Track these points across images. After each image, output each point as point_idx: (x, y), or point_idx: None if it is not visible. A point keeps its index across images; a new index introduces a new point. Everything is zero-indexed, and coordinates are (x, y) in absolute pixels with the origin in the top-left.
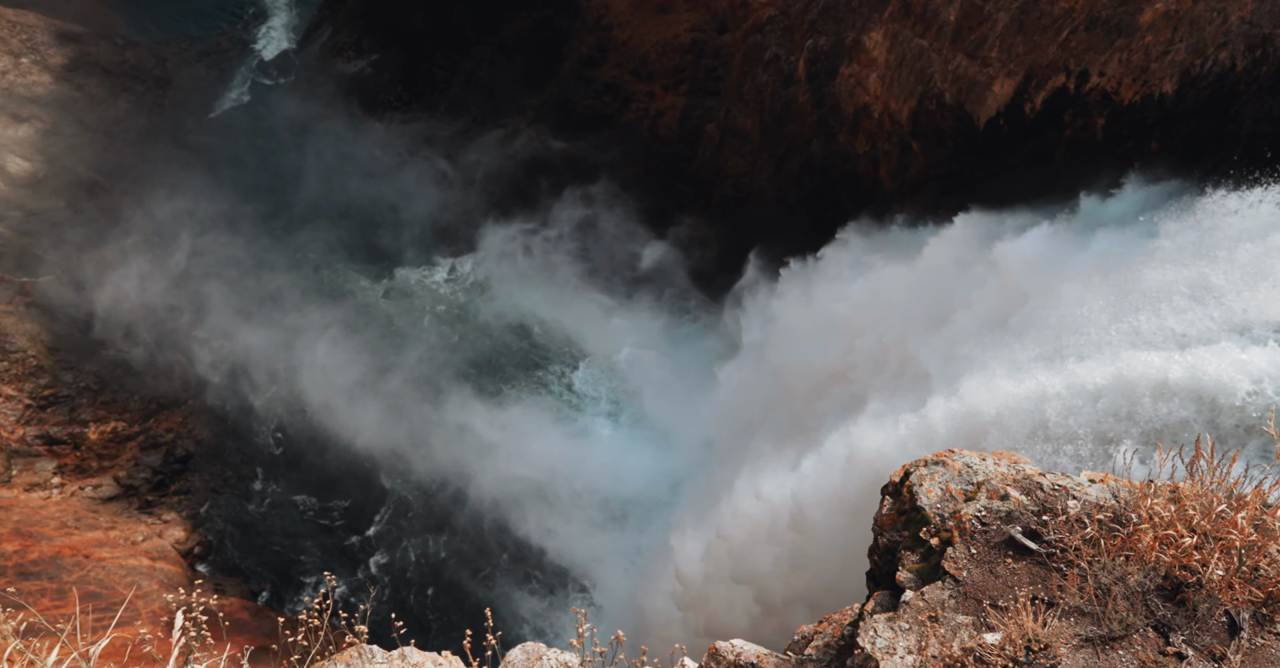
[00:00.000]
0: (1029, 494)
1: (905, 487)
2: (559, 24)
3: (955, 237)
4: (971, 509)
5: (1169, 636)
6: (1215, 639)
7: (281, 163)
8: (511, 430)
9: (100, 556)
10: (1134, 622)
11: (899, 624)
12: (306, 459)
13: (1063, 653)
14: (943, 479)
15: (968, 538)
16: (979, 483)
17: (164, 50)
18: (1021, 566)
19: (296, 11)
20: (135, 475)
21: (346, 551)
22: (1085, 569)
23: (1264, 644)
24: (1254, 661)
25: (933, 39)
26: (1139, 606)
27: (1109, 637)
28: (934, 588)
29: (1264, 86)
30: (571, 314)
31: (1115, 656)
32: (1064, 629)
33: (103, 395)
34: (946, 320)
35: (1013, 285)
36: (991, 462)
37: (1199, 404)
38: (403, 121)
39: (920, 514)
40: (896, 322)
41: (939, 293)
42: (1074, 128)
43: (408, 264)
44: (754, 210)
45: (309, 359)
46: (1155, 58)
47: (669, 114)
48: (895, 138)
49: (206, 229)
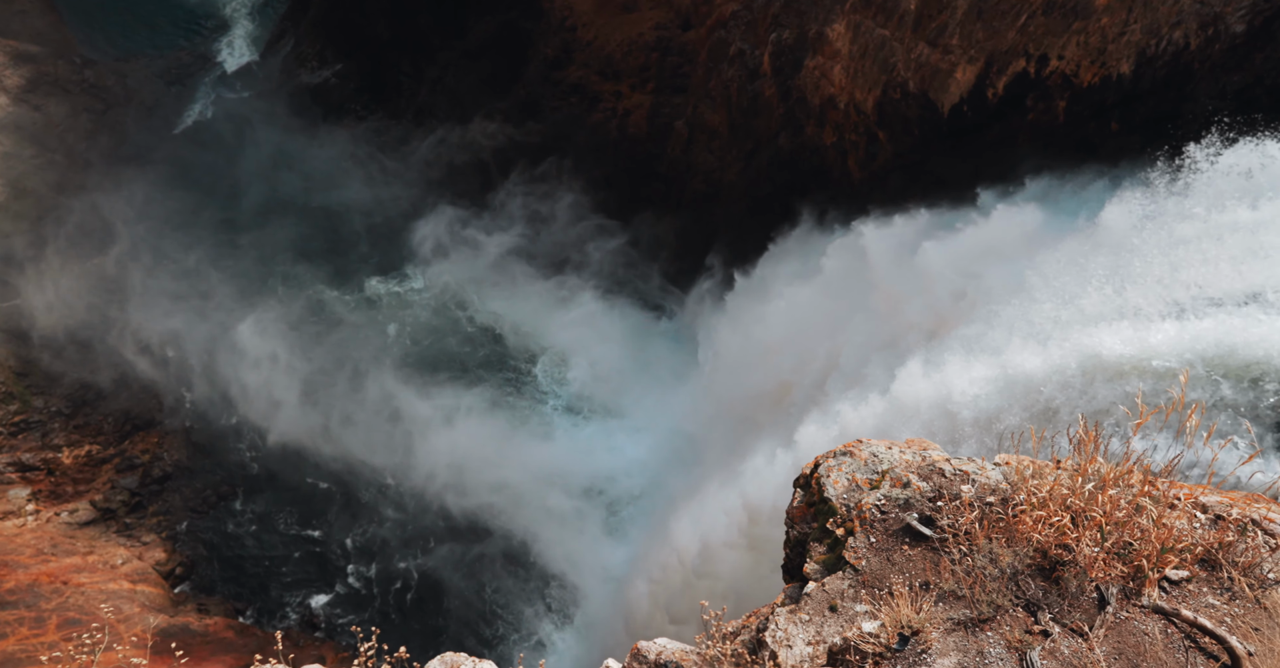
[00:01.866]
0: (930, 480)
1: (814, 479)
2: (523, 27)
3: (850, 244)
4: (872, 498)
5: (1037, 614)
6: (1084, 615)
7: (248, 177)
8: (487, 434)
9: (79, 581)
10: (1003, 603)
11: (800, 616)
12: (285, 474)
13: (934, 637)
14: (850, 469)
15: (868, 527)
16: (883, 472)
17: (124, 67)
18: (917, 552)
19: (257, 21)
20: (112, 498)
21: (329, 564)
22: (964, 553)
23: (1128, 617)
24: (1117, 634)
25: (894, 28)
26: (1010, 586)
27: (979, 619)
28: (834, 578)
29: (1217, 64)
30: (537, 314)
31: (984, 637)
32: (938, 614)
33: (75, 419)
34: (841, 330)
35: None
36: (898, 450)
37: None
38: (369, 130)
39: (828, 505)
40: (808, 337)
41: (835, 305)
42: (1036, 111)
43: (375, 273)
44: (726, 205)
45: (279, 373)
46: (1112, 39)
47: (637, 113)
48: (862, 128)
49: (174, 248)
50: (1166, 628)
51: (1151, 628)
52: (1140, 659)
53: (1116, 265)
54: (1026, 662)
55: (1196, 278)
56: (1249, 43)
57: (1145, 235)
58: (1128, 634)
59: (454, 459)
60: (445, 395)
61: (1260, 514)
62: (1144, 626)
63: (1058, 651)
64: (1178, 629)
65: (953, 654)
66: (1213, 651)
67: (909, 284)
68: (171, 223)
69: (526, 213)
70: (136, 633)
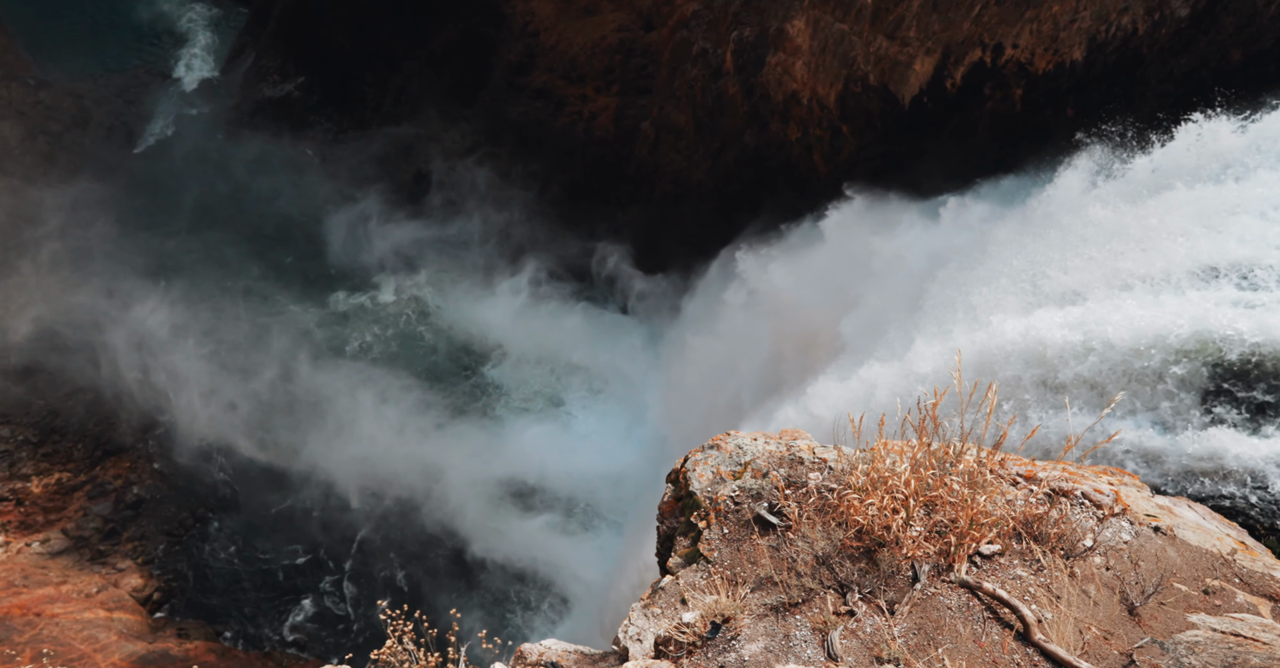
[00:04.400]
0: (790, 469)
1: (682, 473)
2: (485, 34)
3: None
4: (727, 490)
5: (847, 595)
6: (897, 593)
7: (213, 195)
8: (464, 440)
9: (53, 612)
10: (814, 586)
11: (653, 610)
12: (260, 492)
13: (745, 623)
14: (715, 463)
15: (722, 519)
16: (746, 463)
17: (80, 88)
18: (764, 541)
19: (214, 36)
20: (85, 526)
21: (310, 580)
22: (790, 540)
23: (935, 593)
24: (921, 610)
25: (853, 23)
26: (825, 570)
27: (790, 603)
28: (689, 571)
29: (1165, 48)
30: (500, 317)
31: (793, 621)
32: (753, 600)
33: (43, 447)
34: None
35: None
36: (763, 441)
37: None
38: (334, 142)
39: (693, 499)
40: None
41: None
42: (994, 100)
43: (341, 287)
44: (695, 204)
45: (248, 392)
46: (1063, 26)
47: (603, 115)
48: (825, 123)
49: (140, 269)
50: (969, 601)
51: (955, 602)
52: (937, 632)
53: (1037, 252)
54: (827, 642)
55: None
56: (1193, 26)
57: (1067, 222)
58: (931, 610)
59: (425, 467)
60: (412, 403)
61: (1091, 487)
62: (948, 600)
63: (860, 630)
64: (980, 602)
65: (760, 640)
66: (1010, 620)
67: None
68: (136, 244)
69: (492, 218)
70: (114, 662)
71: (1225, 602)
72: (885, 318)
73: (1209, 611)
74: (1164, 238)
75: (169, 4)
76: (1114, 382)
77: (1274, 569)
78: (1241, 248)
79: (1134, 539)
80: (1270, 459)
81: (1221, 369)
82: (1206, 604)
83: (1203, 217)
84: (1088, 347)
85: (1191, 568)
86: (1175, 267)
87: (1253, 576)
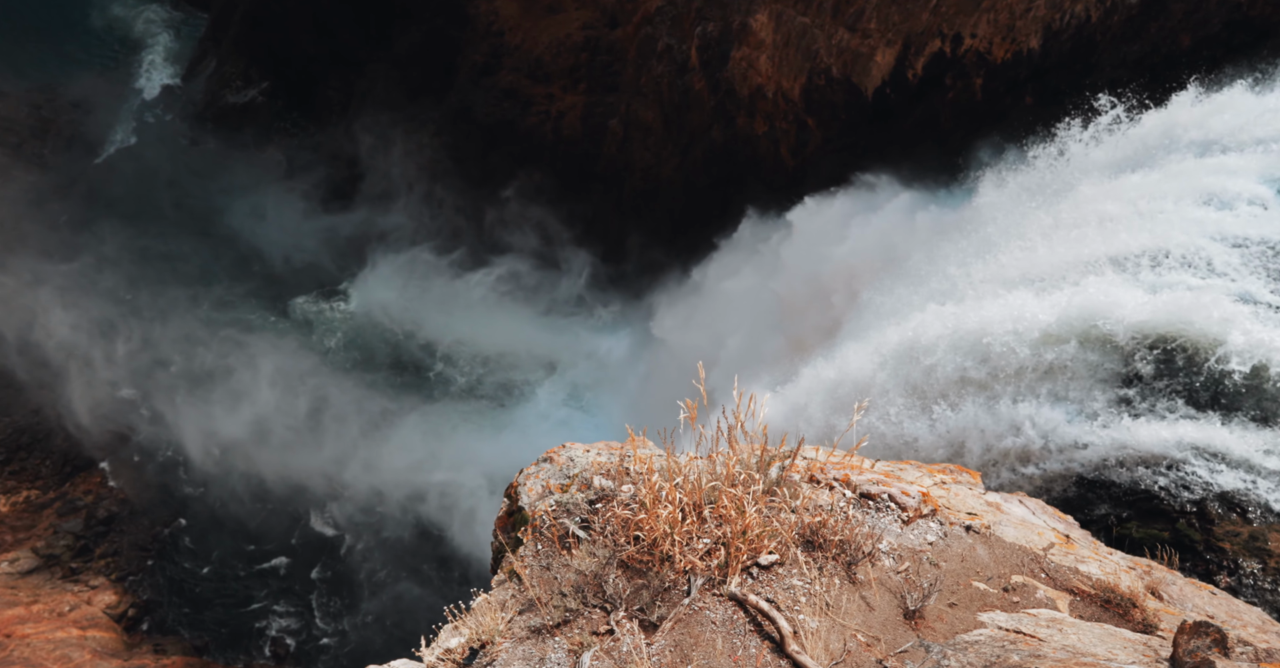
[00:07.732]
0: (616, 481)
1: (514, 487)
2: (450, 35)
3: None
4: (546, 504)
5: (611, 614)
6: (668, 608)
7: (177, 203)
8: (428, 436)
9: (24, 633)
10: (577, 606)
11: (462, 630)
12: (233, 503)
13: (503, 648)
14: (546, 476)
15: (537, 534)
16: (574, 475)
17: (37, 98)
18: (574, 559)
19: (176, 40)
20: (55, 543)
21: (287, 588)
22: (552, 561)
23: (703, 607)
24: (685, 625)
25: (814, 16)
26: (592, 587)
27: (552, 624)
28: (500, 590)
29: (1117, 35)
30: (472, 316)
31: (552, 642)
32: (520, 623)
33: (10, 465)
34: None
35: None
36: (594, 452)
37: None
38: (299, 147)
39: (522, 514)
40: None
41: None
42: (955, 90)
43: (305, 293)
44: (665, 201)
45: (217, 402)
46: (1019, 15)
47: (570, 114)
48: (791, 116)
49: (105, 281)
50: (735, 614)
51: (720, 616)
52: (694, 649)
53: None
54: (578, 664)
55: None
56: (1144, 13)
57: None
58: (695, 625)
59: (394, 471)
60: (383, 402)
61: (899, 489)
62: (714, 614)
63: (616, 649)
64: (746, 615)
65: (517, 664)
66: (771, 632)
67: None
68: (100, 256)
69: (459, 219)
70: None
71: (1024, 598)
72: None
73: (1005, 608)
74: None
75: (122, 8)
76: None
77: (1081, 562)
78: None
79: (940, 540)
80: (1172, 443)
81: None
82: (1004, 602)
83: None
84: (959, 342)
85: (999, 566)
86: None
87: (1059, 570)
